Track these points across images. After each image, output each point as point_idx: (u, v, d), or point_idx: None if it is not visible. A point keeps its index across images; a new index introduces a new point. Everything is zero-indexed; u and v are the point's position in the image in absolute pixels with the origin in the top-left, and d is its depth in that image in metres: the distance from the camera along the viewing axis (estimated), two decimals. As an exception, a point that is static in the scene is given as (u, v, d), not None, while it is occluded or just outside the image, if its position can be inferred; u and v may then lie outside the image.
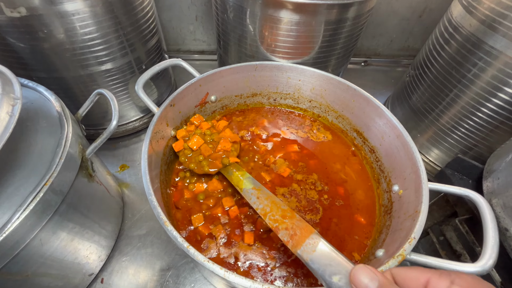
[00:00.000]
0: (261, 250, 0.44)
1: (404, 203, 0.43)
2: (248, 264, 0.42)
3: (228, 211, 0.47)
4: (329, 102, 0.63)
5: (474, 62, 0.58)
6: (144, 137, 0.42)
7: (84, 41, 0.57)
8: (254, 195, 0.43)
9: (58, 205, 0.40)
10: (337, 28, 0.59)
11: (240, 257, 0.43)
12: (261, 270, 0.42)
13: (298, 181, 0.54)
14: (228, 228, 0.46)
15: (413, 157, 0.44)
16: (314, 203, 0.51)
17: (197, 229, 0.45)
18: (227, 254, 0.43)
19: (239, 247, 0.44)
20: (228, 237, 0.45)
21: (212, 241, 0.44)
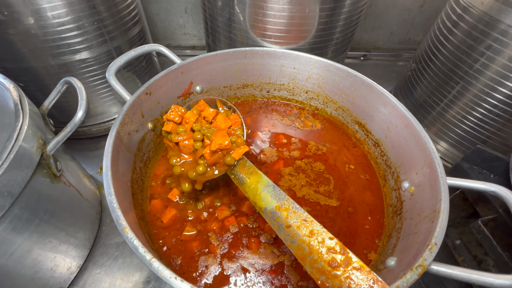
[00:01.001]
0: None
1: (418, 202, 0.36)
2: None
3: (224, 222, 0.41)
4: (328, 92, 0.57)
5: (487, 44, 0.52)
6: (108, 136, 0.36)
7: (54, 26, 0.52)
8: (281, 221, 0.29)
9: (6, 209, 0.33)
10: (335, 8, 0.53)
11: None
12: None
13: (301, 159, 0.49)
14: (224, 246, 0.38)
15: (426, 148, 0.38)
16: (323, 174, 0.48)
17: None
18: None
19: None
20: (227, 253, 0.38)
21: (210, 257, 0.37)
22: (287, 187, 0.46)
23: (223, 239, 0.39)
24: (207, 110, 0.44)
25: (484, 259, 0.42)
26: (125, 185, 0.35)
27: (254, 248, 0.37)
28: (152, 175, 0.47)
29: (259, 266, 0.36)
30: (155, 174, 0.48)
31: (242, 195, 0.44)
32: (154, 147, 0.48)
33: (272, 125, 0.58)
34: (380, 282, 0.21)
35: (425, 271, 0.25)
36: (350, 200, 0.45)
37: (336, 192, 0.46)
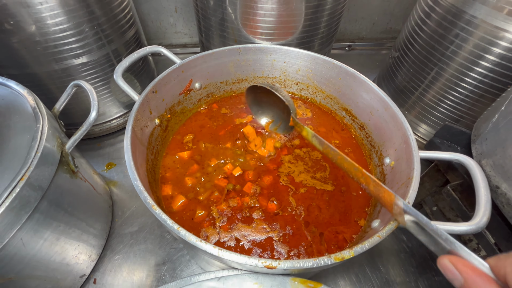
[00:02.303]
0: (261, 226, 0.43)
1: (397, 173, 0.42)
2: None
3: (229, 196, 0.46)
4: (316, 82, 0.62)
5: (455, 33, 0.58)
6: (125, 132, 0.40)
7: (56, 33, 0.54)
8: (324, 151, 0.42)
9: (38, 201, 0.37)
10: (318, 5, 0.58)
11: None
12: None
13: (300, 147, 0.55)
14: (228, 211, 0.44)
15: (403, 127, 0.43)
16: (320, 162, 0.53)
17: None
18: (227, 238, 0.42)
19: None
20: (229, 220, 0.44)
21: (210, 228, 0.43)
22: (287, 173, 0.51)
23: (223, 214, 0.45)
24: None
25: (456, 220, 0.49)
26: (143, 174, 0.39)
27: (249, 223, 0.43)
28: (161, 166, 0.51)
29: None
30: (163, 164, 0.52)
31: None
32: (161, 141, 0.53)
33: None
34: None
35: (399, 224, 0.31)
36: (343, 180, 0.51)
37: (331, 177, 0.51)
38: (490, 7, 0.51)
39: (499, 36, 0.51)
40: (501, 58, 0.52)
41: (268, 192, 0.48)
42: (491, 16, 0.52)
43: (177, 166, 0.52)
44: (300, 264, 0.26)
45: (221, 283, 0.28)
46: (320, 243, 0.42)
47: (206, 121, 0.60)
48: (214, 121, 0.60)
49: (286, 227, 0.43)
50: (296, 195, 0.48)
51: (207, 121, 0.60)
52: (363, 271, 0.56)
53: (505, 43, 0.51)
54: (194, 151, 0.54)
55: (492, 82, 0.56)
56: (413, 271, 0.56)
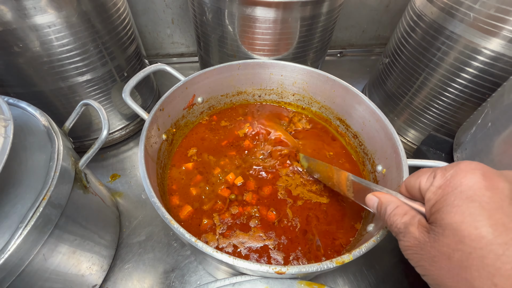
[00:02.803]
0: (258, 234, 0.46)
1: (388, 181, 0.47)
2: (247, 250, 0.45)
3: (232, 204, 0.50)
4: (311, 94, 0.66)
5: (437, 46, 0.63)
6: (134, 144, 0.43)
7: (62, 53, 0.57)
8: (312, 169, 0.53)
9: (58, 218, 0.40)
10: (312, 24, 0.62)
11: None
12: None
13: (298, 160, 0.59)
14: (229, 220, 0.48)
15: (392, 138, 0.48)
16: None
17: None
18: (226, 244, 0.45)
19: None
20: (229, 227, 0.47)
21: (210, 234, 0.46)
22: (284, 186, 0.55)
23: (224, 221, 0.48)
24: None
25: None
26: (156, 189, 0.42)
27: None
28: (168, 178, 0.54)
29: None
30: (170, 176, 0.55)
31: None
32: (168, 154, 0.56)
33: (268, 125, 0.66)
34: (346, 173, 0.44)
35: (392, 229, 0.35)
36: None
37: (327, 189, 0.54)
38: (467, 24, 0.56)
39: (477, 51, 0.56)
40: (479, 71, 0.57)
41: (269, 201, 0.52)
42: (468, 33, 0.57)
43: (182, 177, 0.54)
44: (306, 269, 0.30)
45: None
46: (317, 249, 0.46)
47: (207, 133, 0.63)
48: (215, 134, 0.64)
49: (281, 237, 0.47)
50: (293, 207, 0.51)
51: (208, 133, 0.63)
52: (360, 270, 0.61)
53: (483, 58, 0.56)
54: (198, 163, 0.57)
55: (472, 92, 0.61)
56: (405, 268, 0.61)
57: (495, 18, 0.51)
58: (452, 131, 0.70)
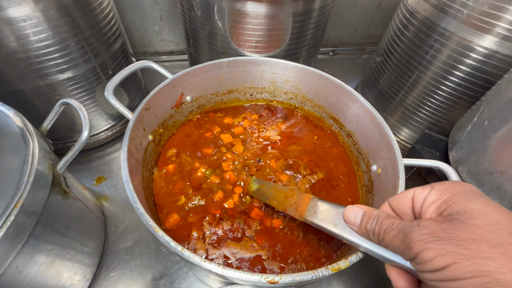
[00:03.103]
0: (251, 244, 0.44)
1: (384, 181, 0.45)
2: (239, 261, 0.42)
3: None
4: (304, 92, 0.64)
5: (430, 44, 0.62)
6: (121, 145, 0.40)
7: (40, 49, 0.53)
8: (262, 192, 0.47)
9: (33, 227, 0.37)
10: (304, 20, 0.60)
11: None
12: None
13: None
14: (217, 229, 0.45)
15: (387, 137, 0.46)
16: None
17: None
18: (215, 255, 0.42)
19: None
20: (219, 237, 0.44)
21: (199, 242, 0.44)
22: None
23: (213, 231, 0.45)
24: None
25: (437, 220, 0.53)
26: (141, 194, 0.39)
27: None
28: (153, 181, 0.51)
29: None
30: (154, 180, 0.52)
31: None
32: (155, 156, 0.53)
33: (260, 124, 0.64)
34: (307, 195, 0.40)
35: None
36: (335, 186, 0.54)
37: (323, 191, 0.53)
38: (460, 21, 0.56)
39: (470, 48, 0.56)
40: (472, 68, 0.57)
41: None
42: (461, 30, 0.56)
43: (162, 185, 0.52)
44: (300, 277, 0.28)
45: (226, 299, 0.29)
46: (318, 249, 0.44)
47: (192, 131, 0.60)
48: (199, 129, 0.61)
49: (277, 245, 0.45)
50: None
51: (193, 130, 0.61)
52: (354, 272, 0.59)
53: (476, 55, 0.55)
54: (177, 164, 0.54)
55: (465, 90, 0.60)
56: (401, 269, 0.60)
57: (489, 15, 0.51)
58: (445, 129, 0.69)
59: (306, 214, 0.37)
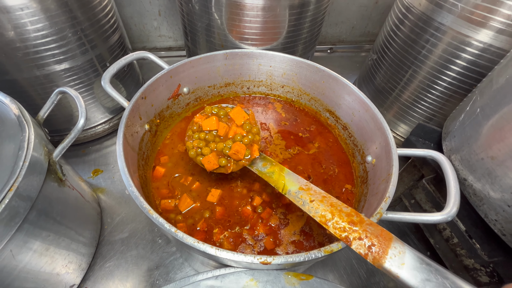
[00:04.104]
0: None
1: (378, 171, 0.46)
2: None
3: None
4: (301, 85, 0.65)
5: (426, 38, 0.63)
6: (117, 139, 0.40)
7: (37, 38, 0.53)
8: (305, 198, 0.36)
9: (27, 212, 0.37)
10: (301, 12, 0.61)
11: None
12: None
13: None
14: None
15: (382, 127, 0.47)
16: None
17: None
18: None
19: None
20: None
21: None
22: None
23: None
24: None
25: (431, 210, 0.53)
26: (137, 180, 0.40)
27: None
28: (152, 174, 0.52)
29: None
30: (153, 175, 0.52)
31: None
32: (151, 146, 0.53)
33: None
34: (385, 231, 0.30)
35: (382, 216, 0.34)
36: (326, 178, 0.54)
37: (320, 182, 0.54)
38: (455, 15, 0.56)
39: (465, 42, 0.56)
40: (467, 62, 0.58)
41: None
42: (456, 24, 0.57)
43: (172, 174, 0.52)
44: (293, 259, 0.28)
45: (219, 281, 0.30)
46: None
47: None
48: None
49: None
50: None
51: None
52: (350, 263, 0.60)
53: (471, 49, 0.56)
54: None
55: (460, 84, 0.61)
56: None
57: (483, 9, 0.51)
58: (440, 123, 0.70)
59: (386, 263, 0.28)
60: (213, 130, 0.46)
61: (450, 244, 0.49)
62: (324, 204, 0.34)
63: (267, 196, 0.51)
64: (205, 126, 0.46)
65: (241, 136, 0.45)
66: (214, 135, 0.46)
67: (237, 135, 0.45)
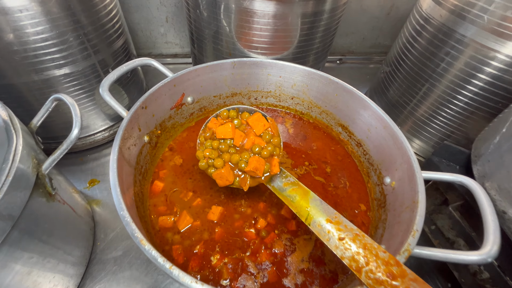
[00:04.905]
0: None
1: (399, 195, 0.41)
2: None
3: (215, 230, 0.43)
4: (312, 98, 0.61)
5: (446, 51, 0.59)
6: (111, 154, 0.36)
7: (36, 42, 0.51)
8: (332, 234, 0.30)
9: (7, 233, 0.33)
10: (314, 21, 0.58)
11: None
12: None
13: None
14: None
15: (403, 147, 0.43)
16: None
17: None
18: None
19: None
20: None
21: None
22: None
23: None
24: (224, 128, 0.40)
25: (456, 240, 0.48)
26: (131, 199, 0.36)
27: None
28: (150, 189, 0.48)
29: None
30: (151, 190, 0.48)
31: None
32: (150, 159, 0.49)
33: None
34: None
35: (410, 254, 0.29)
36: (337, 199, 0.50)
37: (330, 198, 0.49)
38: (479, 27, 0.53)
39: (490, 55, 0.52)
40: (492, 77, 0.53)
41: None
42: (481, 36, 0.53)
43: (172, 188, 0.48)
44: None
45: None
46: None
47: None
48: None
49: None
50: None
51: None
52: None
53: (497, 63, 0.52)
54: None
55: (484, 100, 0.57)
56: None
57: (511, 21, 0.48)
58: (459, 141, 0.65)
59: None
60: (228, 139, 0.41)
61: (478, 280, 0.43)
62: (357, 244, 0.28)
63: (272, 218, 0.46)
64: (220, 133, 0.41)
65: (260, 148, 0.40)
66: (228, 145, 0.41)
67: (255, 146, 0.40)
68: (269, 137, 0.41)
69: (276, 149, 0.40)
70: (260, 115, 0.42)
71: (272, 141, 0.41)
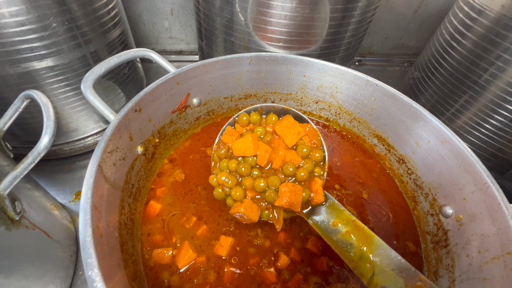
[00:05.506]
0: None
1: (473, 235, 0.31)
2: None
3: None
4: (341, 102, 0.51)
5: (505, 47, 0.49)
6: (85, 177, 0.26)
7: (10, 26, 0.41)
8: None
9: None
10: (346, 9, 0.48)
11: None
12: None
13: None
14: None
15: (475, 170, 0.32)
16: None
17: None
18: None
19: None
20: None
21: None
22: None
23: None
24: (243, 143, 0.29)
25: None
26: (112, 239, 0.26)
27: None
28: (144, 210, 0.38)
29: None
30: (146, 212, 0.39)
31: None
32: (145, 175, 0.39)
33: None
34: None
35: None
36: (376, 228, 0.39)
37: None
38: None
39: None
40: None
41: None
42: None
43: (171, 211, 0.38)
44: None
45: None
46: None
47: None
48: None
49: None
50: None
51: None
52: None
53: None
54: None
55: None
56: None
57: None
58: (505, 160, 0.55)
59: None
60: (249, 157, 0.30)
61: None
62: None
63: (296, 253, 0.36)
64: (237, 149, 0.30)
65: (294, 167, 0.28)
66: (250, 165, 0.29)
67: (287, 165, 0.28)
68: (307, 150, 0.29)
69: (317, 168, 0.29)
70: (291, 118, 0.31)
71: (312, 155, 0.29)
